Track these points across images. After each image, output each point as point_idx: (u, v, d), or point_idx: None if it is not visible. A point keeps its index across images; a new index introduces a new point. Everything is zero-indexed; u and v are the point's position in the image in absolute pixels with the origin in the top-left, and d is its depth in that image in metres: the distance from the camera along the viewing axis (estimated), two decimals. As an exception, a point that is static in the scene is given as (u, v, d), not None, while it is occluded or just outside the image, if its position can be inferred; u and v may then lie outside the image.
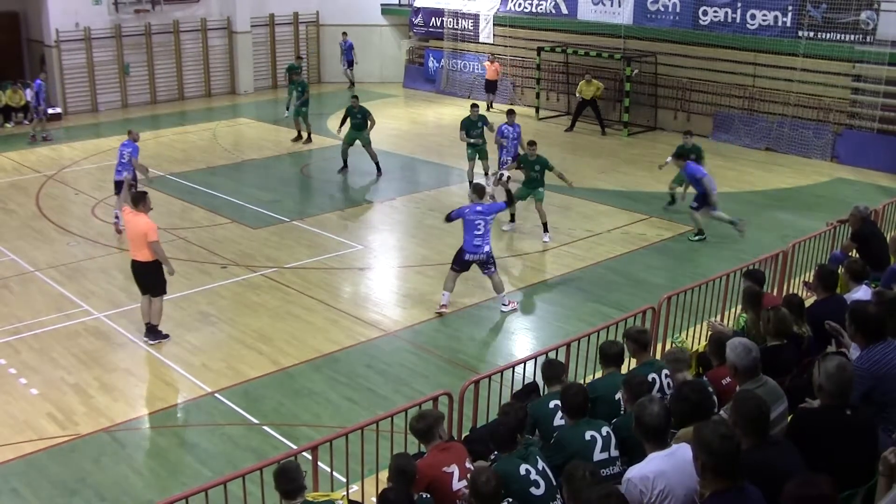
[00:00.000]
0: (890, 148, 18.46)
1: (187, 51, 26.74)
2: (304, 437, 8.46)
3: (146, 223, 10.43)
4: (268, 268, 13.14)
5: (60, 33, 24.08)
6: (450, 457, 5.78)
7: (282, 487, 5.45)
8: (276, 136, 22.17)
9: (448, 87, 27.43)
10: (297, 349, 10.53)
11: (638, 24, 22.44)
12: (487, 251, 11.29)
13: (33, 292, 12.27)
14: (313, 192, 17.39)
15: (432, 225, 15.42)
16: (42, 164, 19.40)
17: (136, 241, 10.53)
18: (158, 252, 10.51)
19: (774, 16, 20.00)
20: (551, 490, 5.25)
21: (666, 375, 6.58)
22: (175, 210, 16.02)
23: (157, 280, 10.64)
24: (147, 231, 10.37)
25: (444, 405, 7.16)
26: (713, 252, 13.70)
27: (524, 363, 8.18)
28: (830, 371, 4.94)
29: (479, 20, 26.48)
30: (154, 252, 10.47)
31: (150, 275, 10.60)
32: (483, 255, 11.28)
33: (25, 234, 14.71)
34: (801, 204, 16.38)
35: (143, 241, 10.40)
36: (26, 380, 9.84)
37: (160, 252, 10.54)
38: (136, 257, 10.59)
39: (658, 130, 22.39)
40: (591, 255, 13.55)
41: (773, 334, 6.61)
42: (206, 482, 6.43)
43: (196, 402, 9.39)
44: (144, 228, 10.38)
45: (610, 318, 9.43)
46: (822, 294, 7.55)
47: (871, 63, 18.54)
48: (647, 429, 4.80)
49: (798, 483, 3.94)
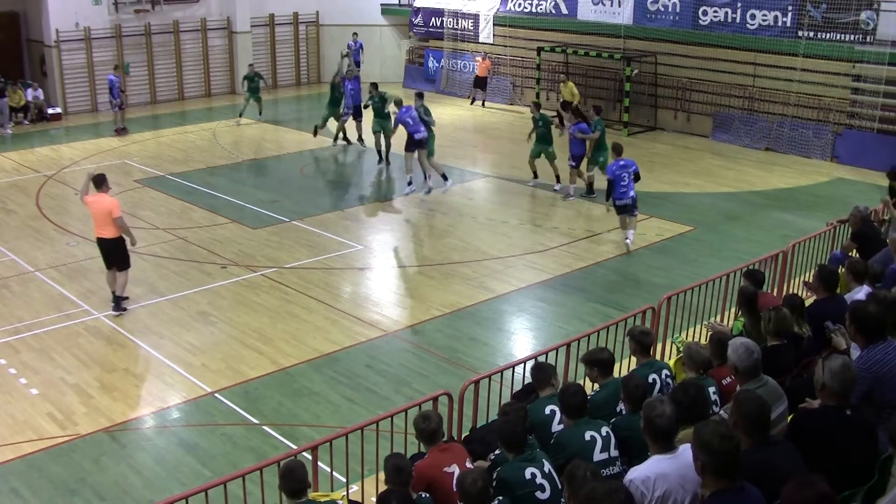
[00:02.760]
0: (890, 148, 18.44)
1: (187, 51, 26.74)
2: (304, 437, 8.46)
3: (110, 201, 11.31)
4: (268, 268, 13.14)
5: (60, 33, 24.09)
6: (450, 457, 5.78)
7: (288, 486, 5.43)
8: (275, 136, 22.18)
9: (448, 87, 27.44)
10: (297, 349, 10.52)
11: (638, 24, 22.44)
12: (633, 196, 13.61)
13: (33, 292, 12.27)
14: (313, 192, 17.39)
15: (432, 225, 15.43)
16: (42, 164, 19.40)
17: (101, 220, 11.30)
18: (123, 226, 11.34)
19: (774, 16, 20.00)
20: (556, 493, 5.21)
21: (666, 376, 6.57)
22: (175, 210, 16.02)
23: (123, 255, 11.51)
24: (111, 208, 11.21)
25: (444, 405, 7.16)
26: (713, 252, 13.70)
27: (524, 363, 8.16)
28: (835, 369, 4.94)
29: (479, 20, 26.49)
30: (119, 227, 11.29)
31: (117, 250, 11.43)
32: (629, 199, 13.54)
33: (25, 234, 14.71)
34: (801, 204, 16.38)
35: (108, 218, 11.21)
36: (26, 380, 9.84)
37: (125, 226, 11.38)
38: (103, 235, 11.39)
39: (658, 130, 22.39)
40: (591, 255, 13.55)
41: (772, 334, 6.61)
42: (206, 482, 6.44)
43: (196, 402, 9.39)
44: (109, 206, 11.22)
45: (610, 318, 9.43)
46: (822, 294, 7.55)
47: (871, 63, 18.54)
48: (656, 430, 4.75)
49: (797, 483, 3.94)
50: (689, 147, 20.85)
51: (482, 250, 13.90)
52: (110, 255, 11.46)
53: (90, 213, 11.57)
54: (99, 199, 11.27)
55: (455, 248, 14.10)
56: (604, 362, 6.51)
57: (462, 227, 15.18)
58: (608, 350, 6.78)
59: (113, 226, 11.23)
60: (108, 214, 11.16)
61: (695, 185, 17.66)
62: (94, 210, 11.36)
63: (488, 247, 14.06)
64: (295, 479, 5.41)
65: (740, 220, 15.38)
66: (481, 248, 14.03)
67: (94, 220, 11.44)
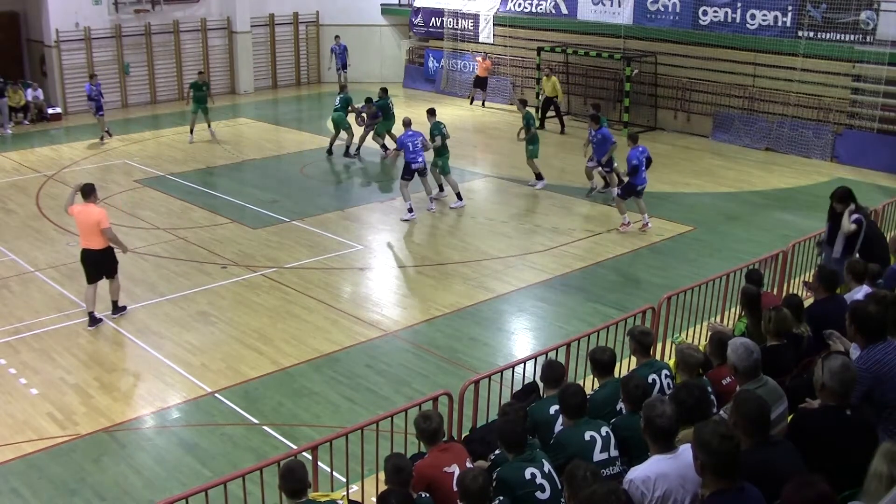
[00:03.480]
0: (890, 148, 18.46)
1: (187, 51, 26.74)
2: (304, 437, 8.46)
3: (98, 211, 11.05)
4: (268, 268, 13.14)
5: (60, 33, 24.08)
6: (450, 457, 5.78)
7: (288, 486, 5.42)
8: (275, 136, 22.18)
9: (448, 87, 27.44)
10: (297, 349, 10.53)
11: (638, 24, 22.44)
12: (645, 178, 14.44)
13: (33, 292, 12.27)
14: (313, 192, 17.39)
15: (432, 225, 15.43)
16: (42, 164, 19.40)
17: (88, 231, 11.05)
18: (112, 237, 11.15)
19: (774, 16, 20.00)
20: (556, 493, 5.22)
21: (666, 376, 6.56)
22: (175, 210, 16.02)
23: (112, 264, 11.32)
24: (100, 219, 10.97)
25: (444, 405, 7.16)
26: (713, 252, 13.70)
27: (524, 363, 8.17)
28: (835, 370, 4.94)
29: (479, 20, 26.49)
30: (108, 238, 11.08)
31: (106, 260, 11.24)
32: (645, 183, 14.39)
33: (25, 234, 14.71)
34: (801, 204, 16.37)
35: (95, 229, 10.96)
36: (26, 380, 9.84)
37: (114, 237, 11.20)
38: (90, 246, 11.10)
39: (658, 130, 22.39)
40: (591, 255, 13.55)
41: (772, 334, 6.60)
42: (206, 482, 6.44)
43: (196, 402, 9.39)
44: (97, 217, 10.97)
45: (610, 318, 9.43)
46: (822, 294, 7.54)
47: (871, 63, 18.54)
48: (656, 430, 4.76)
49: (798, 483, 3.94)
50: (689, 147, 20.86)
51: (482, 250, 13.90)
52: (97, 267, 11.15)
53: (76, 223, 11.31)
54: (86, 210, 10.98)
55: (455, 248, 14.10)
56: (602, 363, 6.51)
57: (462, 227, 15.18)
58: (610, 349, 6.78)
59: (101, 237, 10.98)
60: (96, 225, 10.90)
61: (695, 185, 17.66)
62: (80, 221, 11.08)
63: (488, 247, 14.06)
64: (295, 479, 5.40)
65: (740, 220, 15.38)
66: (481, 248, 14.03)
67: (81, 231, 11.17)
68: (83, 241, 11.16)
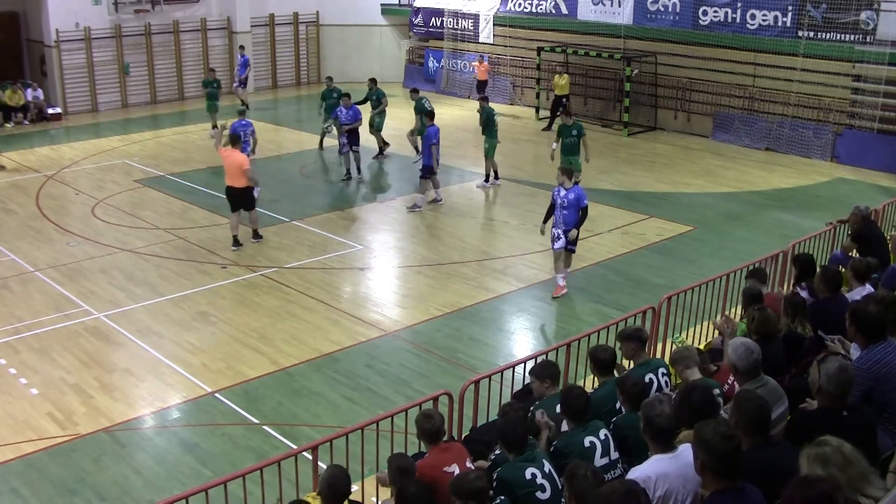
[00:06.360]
0: (890, 148, 18.46)
1: (187, 51, 26.74)
2: (304, 436, 8.46)
3: (242, 156, 13.57)
4: (268, 268, 13.14)
5: (60, 33, 24.09)
6: (450, 457, 5.77)
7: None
8: (275, 137, 22.18)
9: (448, 87, 27.44)
10: (297, 349, 10.52)
11: (638, 24, 22.44)
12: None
13: (33, 292, 12.27)
14: (313, 192, 17.38)
15: (432, 225, 15.43)
16: (42, 164, 19.40)
17: (233, 171, 13.43)
18: (251, 177, 13.56)
19: (774, 16, 20.00)
20: (557, 493, 5.20)
21: (663, 374, 6.56)
22: (175, 210, 16.02)
23: (251, 199, 13.80)
24: (242, 162, 13.41)
25: (444, 405, 7.15)
26: (713, 252, 13.70)
27: (524, 363, 8.16)
28: (831, 372, 4.94)
29: (479, 20, 26.49)
30: (248, 179, 13.47)
31: (245, 197, 13.68)
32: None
33: (25, 234, 14.71)
34: (801, 204, 16.38)
35: (239, 171, 13.37)
36: (26, 380, 9.84)
37: (252, 177, 13.64)
38: (233, 184, 13.52)
39: (658, 130, 22.39)
40: (591, 255, 13.54)
41: (756, 334, 6.59)
42: (206, 482, 6.43)
43: (196, 402, 9.39)
44: (241, 160, 13.41)
45: (610, 319, 9.43)
46: (824, 293, 7.53)
47: (871, 63, 18.54)
48: (655, 429, 4.75)
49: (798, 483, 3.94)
50: (689, 147, 20.85)
51: (482, 250, 13.90)
52: (237, 201, 13.58)
53: (224, 164, 13.64)
54: (232, 154, 13.44)
55: (455, 248, 14.10)
56: (602, 361, 6.52)
57: (462, 227, 15.18)
58: (611, 348, 6.78)
59: (243, 177, 13.36)
60: (240, 167, 13.33)
61: (695, 185, 17.66)
62: (228, 163, 13.51)
63: (488, 247, 14.06)
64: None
65: (740, 220, 15.38)
66: (481, 248, 14.03)
67: (227, 171, 13.54)
68: (228, 179, 13.57)
